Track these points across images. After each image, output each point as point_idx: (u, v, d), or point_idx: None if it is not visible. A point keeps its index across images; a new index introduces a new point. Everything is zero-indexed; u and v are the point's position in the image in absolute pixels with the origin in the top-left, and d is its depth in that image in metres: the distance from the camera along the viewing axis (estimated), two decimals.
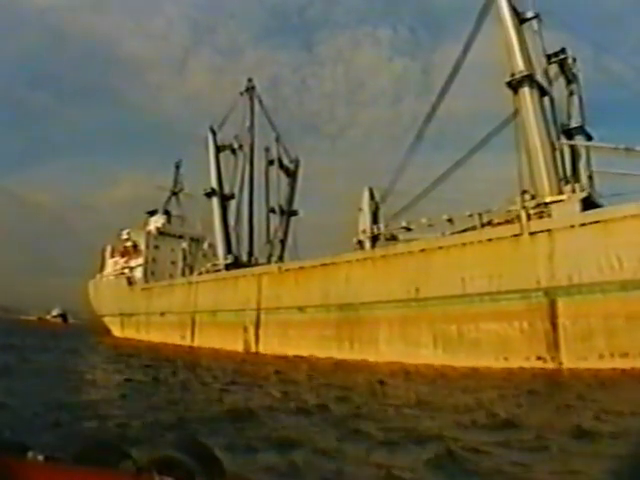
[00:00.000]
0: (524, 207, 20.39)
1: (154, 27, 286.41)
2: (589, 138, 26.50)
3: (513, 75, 22.49)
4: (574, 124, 25.86)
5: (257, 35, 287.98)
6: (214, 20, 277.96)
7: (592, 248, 17.79)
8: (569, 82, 26.72)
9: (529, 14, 24.78)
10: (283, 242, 39.01)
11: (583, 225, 18.35)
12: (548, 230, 19.13)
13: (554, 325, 18.29)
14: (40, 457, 2.08)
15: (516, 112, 22.89)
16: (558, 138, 24.50)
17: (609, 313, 17.08)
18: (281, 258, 37.86)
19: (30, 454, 2.10)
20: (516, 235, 19.86)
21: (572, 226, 18.76)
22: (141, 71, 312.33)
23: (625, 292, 16.98)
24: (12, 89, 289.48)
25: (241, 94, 40.75)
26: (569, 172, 24.63)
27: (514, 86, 22.59)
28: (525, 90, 22.27)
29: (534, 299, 18.80)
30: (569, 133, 25.95)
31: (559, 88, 26.55)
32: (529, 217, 20.14)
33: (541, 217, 20.15)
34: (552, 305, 18.44)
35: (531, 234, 19.46)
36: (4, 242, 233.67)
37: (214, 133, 40.13)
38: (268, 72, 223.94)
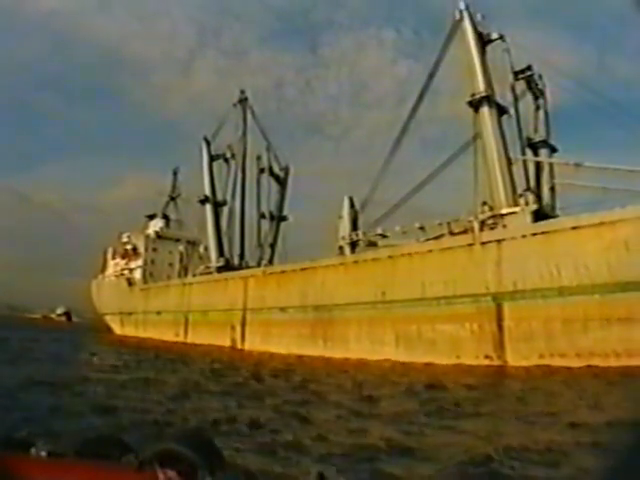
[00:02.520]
0: (477, 218, 22.14)
1: (159, 29, 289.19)
2: (553, 151, 28.12)
3: (473, 95, 24.20)
4: (538, 138, 27.49)
5: (262, 37, 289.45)
6: (219, 22, 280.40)
7: (535, 257, 19.52)
8: (536, 98, 28.35)
9: (494, 35, 26.46)
10: (273, 246, 40.94)
11: (527, 236, 20.08)
12: (497, 240, 20.90)
13: (500, 327, 20.07)
14: (43, 453, 2.09)
15: (476, 132, 24.55)
16: (523, 152, 26.15)
17: (548, 317, 18.81)
18: (271, 261, 39.74)
19: (33, 450, 2.10)
20: (470, 244, 21.63)
21: (520, 237, 20.49)
22: (146, 72, 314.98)
23: (562, 298, 18.69)
24: (18, 91, 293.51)
25: (234, 105, 42.80)
26: (533, 184, 26.37)
27: (475, 105, 24.30)
28: (484, 110, 23.97)
29: (483, 303, 20.57)
30: (534, 146, 27.62)
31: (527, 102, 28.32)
32: (482, 228, 21.90)
33: (493, 228, 21.90)
34: (499, 309, 20.22)
35: (482, 244, 21.23)
36: (10, 241, 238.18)
37: (208, 143, 42.27)
38: (273, 74, 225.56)
